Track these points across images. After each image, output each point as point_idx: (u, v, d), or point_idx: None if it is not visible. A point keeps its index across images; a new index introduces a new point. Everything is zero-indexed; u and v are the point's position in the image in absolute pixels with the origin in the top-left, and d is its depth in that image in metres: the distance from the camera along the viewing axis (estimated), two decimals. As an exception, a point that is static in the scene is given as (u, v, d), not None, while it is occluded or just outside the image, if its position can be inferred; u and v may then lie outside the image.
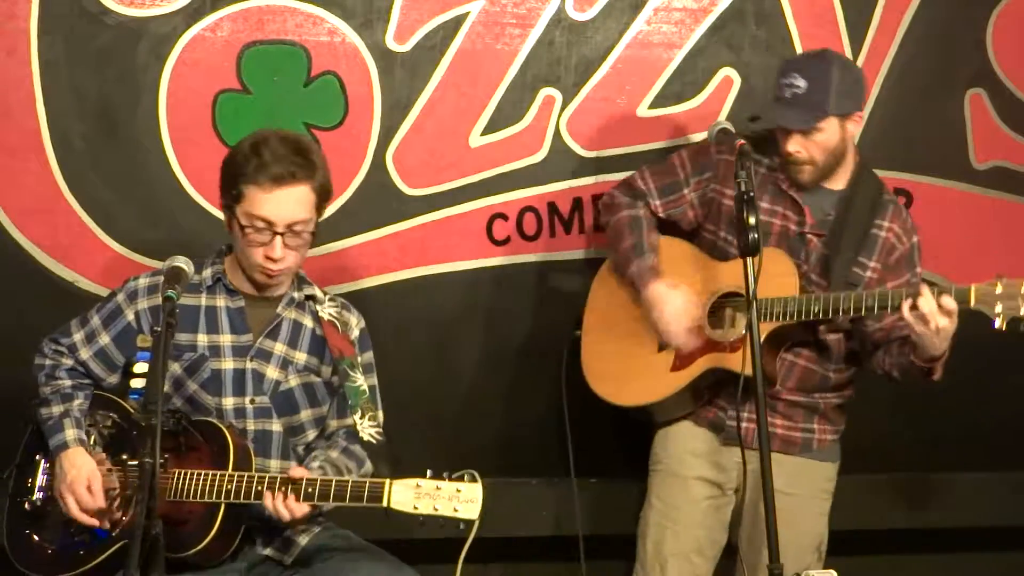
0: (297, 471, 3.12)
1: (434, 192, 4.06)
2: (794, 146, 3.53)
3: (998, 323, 3.30)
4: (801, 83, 3.49)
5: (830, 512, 3.80)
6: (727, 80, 4.14)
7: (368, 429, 3.22)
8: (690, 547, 3.69)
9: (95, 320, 3.35)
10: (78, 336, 3.35)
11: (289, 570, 3.26)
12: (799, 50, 4.15)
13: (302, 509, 3.05)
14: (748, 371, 3.39)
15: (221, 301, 3.32)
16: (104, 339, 3.33)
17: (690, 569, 3.70)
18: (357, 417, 3.22)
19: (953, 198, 4.32)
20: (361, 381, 3.27)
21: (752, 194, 3.25)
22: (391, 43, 3.98)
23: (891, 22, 4.21)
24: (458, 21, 4.00)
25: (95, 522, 3.16)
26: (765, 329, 3.45)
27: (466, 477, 2.95)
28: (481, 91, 4.04)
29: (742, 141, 3.36)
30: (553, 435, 4.05)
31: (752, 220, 3.22)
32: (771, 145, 3.64)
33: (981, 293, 3.30)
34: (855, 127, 3.60)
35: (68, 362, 3.34)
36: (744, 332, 3.49)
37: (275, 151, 3.20)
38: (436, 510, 2.93)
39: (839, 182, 3.64)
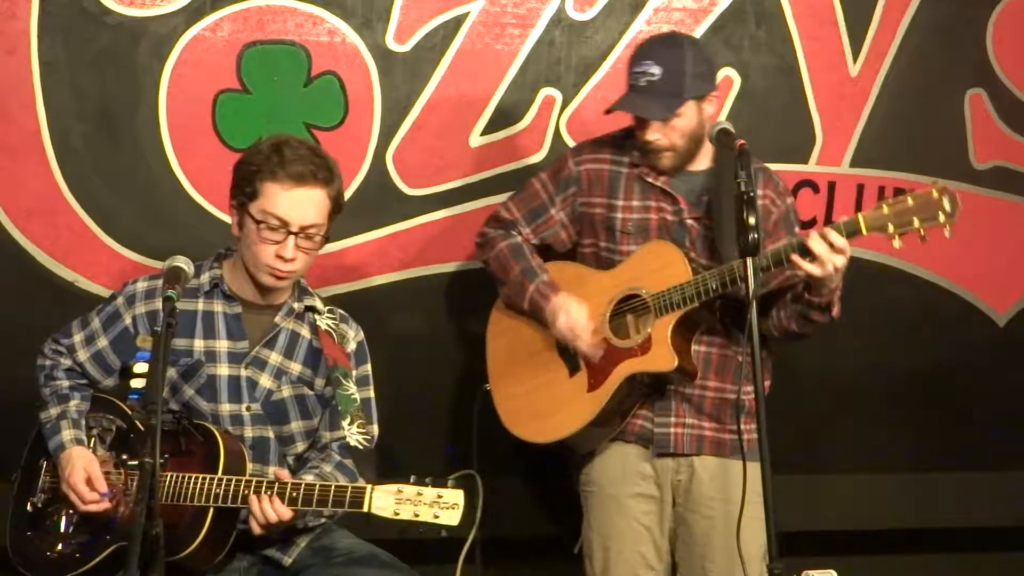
0: (283, 474, 3.12)
1: (434, 192, 4.06)
2: (653, 134, 3.44)
3: (896, 243, 3.23)
4: (656, 70, 3.41)
5: (831, 512, 3.79)
6: (727, 80, 4.14)
7: (356, 435, 3.20)
8: (638, 564, 3.62)
9: (95, 322, 3.35)
10: (78, 337, 3.35)
11: (288, 571, 3.25)
12: (799, 50, 4.16)
13: (286, 513, 3.03)
14: (666, 368, 3.41)
15: (218, 307, 3.31)
16: (102, 342, 3.33)
17: None
18: (346, 423, 3.21)
19: (953, 198, 4.32)
20: (353, 390, 3.26)
21: (752, 194, 3.20)
22: (391, 43, 3.98)
23: (891, 22, 4.22)
24: (458, 21, 4.00)
25: (104, 506, 3.15)
26: (670, 320, 3.42)
27: (449, 483, 2.93)
28: (481, 91, 4.04)
29: (742, 141, 3.31)
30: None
31: (752, 220, 3.18)
32: (627, 140, 3.58)
33: (870, 219, 3.23)
34: (712, 107, 3.52)
35: (66, 362, 3.34)
36: (650, 331, 3.45)
37: (296, 151, 3.19)
38: (417, 516, 2.91)
39: (703, 162, 3.56)
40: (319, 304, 3.38)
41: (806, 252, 3.25)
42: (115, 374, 3.34)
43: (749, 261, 3.16)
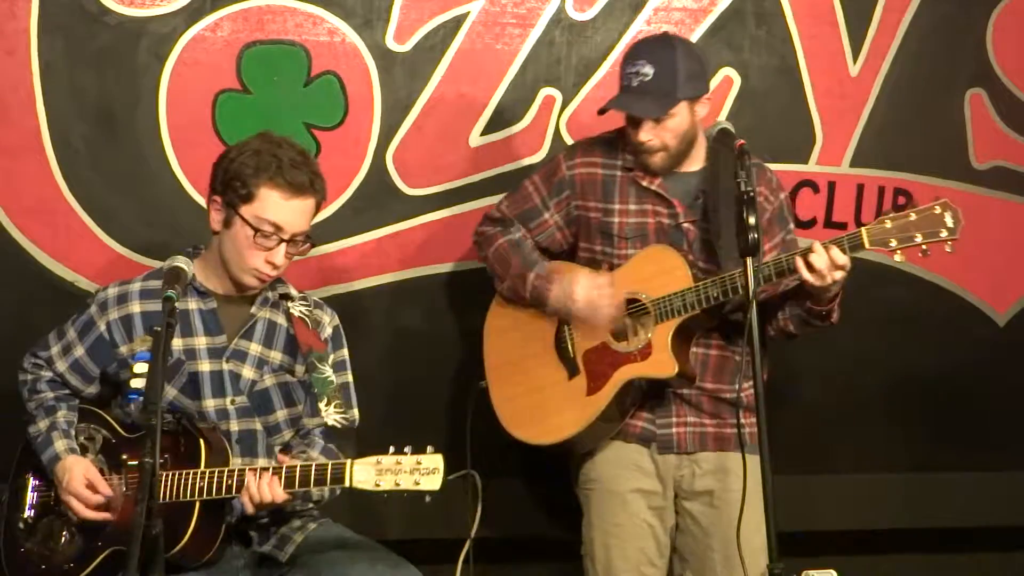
0: (263, 463, 3.13)
1: (434, 192, 4.06)
2: (646, 135, 3.46)
3: (898, 257, 3.30)
4: (648, 70, 3.42)
5: (830, 512, 3.79)
6: (727, 80, 4.15)
7: (334, 415, 3.22)
8: (640, 560, 3.61)
9: (71, 332, 3.35)
10: (55, 349, 3.35)
11: (286, 567, 3.25)
12: (799, 50, 4.16)
13: (280, 495, 3.02)
14: (667, 374, 3.43)
15: (193, 304, 3.29)
16: (79, 351, 3.33)
17: None
18: (323, 405, 3.23)
19: (953, 198, 4.28)
20: (329, 373, 3.28)
21: (752, 194, 3.21)
22: (391, 43, 3.98)
23: (891, 22, 4.22)
24: (458, 21, 4.00)
25: (107, 516, 3.17)
26: (671, 326, 3.44)
27: (428, 450, 2.93)
28: (481, 91, 4.04)
29: (742, 141, 3.33)
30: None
31: (752, 220, 3.19)
32: (620, 142, 3.59)
33: (874, 234, 3.28)
34: (704, 109, 3.53)
35: (47, 374, 3.35)
36: (650, 337, 3.47)
37: (293, 158, 3.19)
38: (398, 485, 2.91)
39: (696, 162, 3.57)
40: (292, 291, 3.39)
41: (807, 263, 3.28)
42: (95, 382, 3.34)
43: (749, 261, 3.18)
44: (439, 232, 4.07)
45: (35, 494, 3.30)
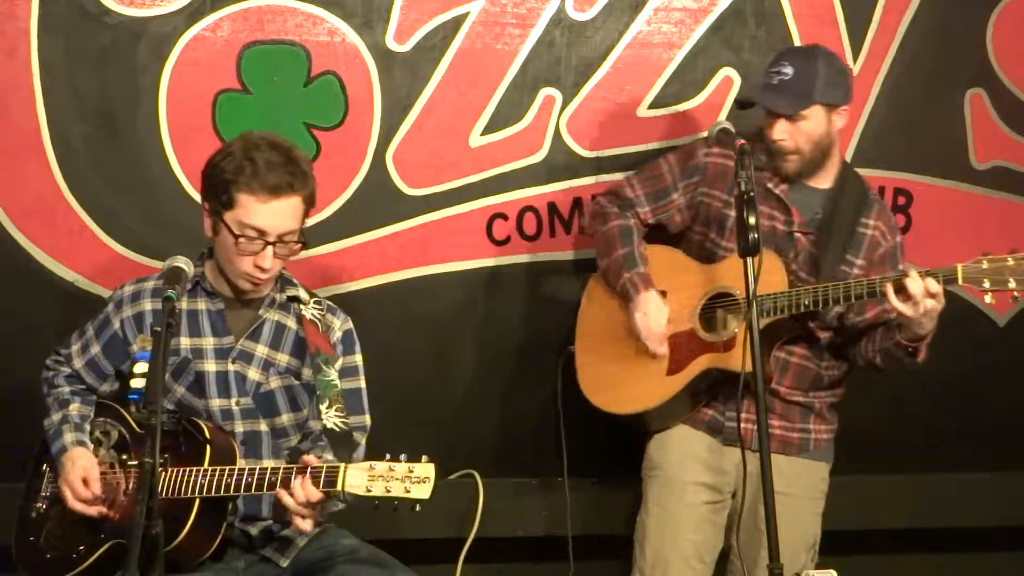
0: (267, 464, 3.13)
1: (434, 192, 4.06)
2: (780, 133, 3.56)
3: (988, 299, 3.35)
4: (788, 70, 3.55)
5: (830, 512, 3.80)
6: (727, 80, 4.15)
7: (333, 417, 3.22)
8: (689, 552, 3.66)
9: (90, 331, 3.38)
10: (75, 347, 3.38)
11: (285, 572, 3.25)
12: (799, 50, 4.16)
13: (317, 493, 3.00)
14: (747, 368, 3.41)
15: (202, 304, 3.31)
16: (95, 349, 3.35)
17: (691, 575, 3.68)
18: (324, 407, 3.22)
19: (953, 198, 4.32)
20: (333, 376, 3.27)
21: (752, 194, 3.24)
22: (391, 43, 3.98)
23: (891, 22, 4.22)
24: (458, 21, 4.00)
25: (94, 511, 3.17)
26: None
27: (423, 459, 2.93)
28: (481, 91, 4.04)
29: (742, 141, 3.35)
30: (551, 435, 4.05)
31: (752, 220, 3.22)
32: (757, 146, 3.64)
33: (969, 271, 3.33)
34: (841, 120, 3.62)
35: (66, 370, 3.38)
36: (736, 331, 3.54)
37: (269, 159, 3.15)
38: (388, 491, 2.91)
39: (825, 180, 3.67)
40: (303, 294, 3.38)
41: (901, 289, 3.33)
42: (110, 379, 3.36)
43: (749, 261, 3.20)
44: (439, 232, 4.07)
45: (49, 485, 3.32)
